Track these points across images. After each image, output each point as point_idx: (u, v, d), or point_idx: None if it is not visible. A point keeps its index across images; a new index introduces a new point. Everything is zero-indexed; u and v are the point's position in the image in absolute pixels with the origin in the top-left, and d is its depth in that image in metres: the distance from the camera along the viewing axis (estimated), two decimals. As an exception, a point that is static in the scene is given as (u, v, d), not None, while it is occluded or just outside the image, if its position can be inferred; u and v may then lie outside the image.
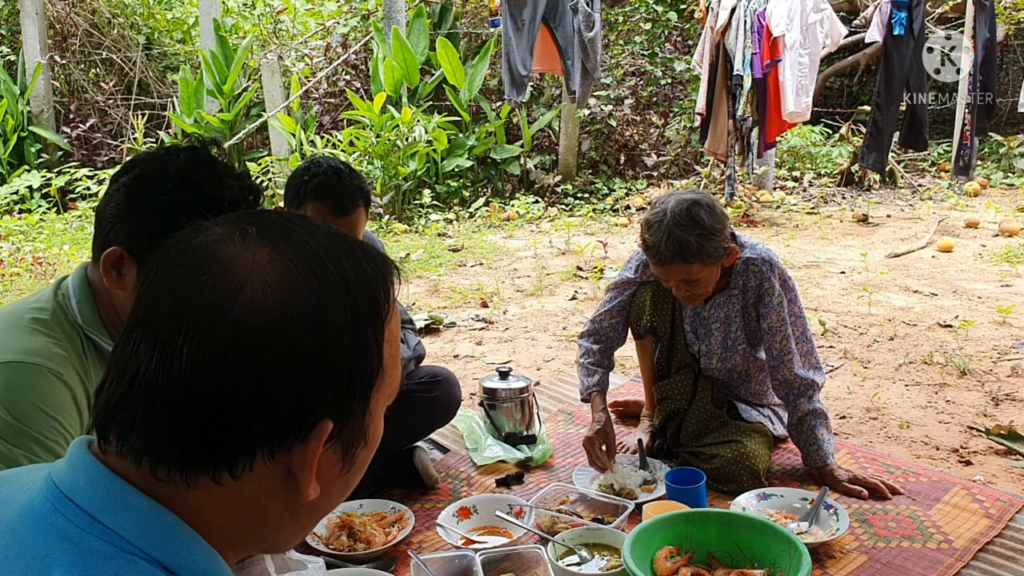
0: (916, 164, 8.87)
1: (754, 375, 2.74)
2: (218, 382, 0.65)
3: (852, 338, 4.00)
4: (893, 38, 5.92)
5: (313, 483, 0.70)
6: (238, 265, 0.67)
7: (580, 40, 6.00)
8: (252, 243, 0.69)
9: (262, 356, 0.65)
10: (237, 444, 0.67)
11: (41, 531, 0.66)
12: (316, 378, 0.67)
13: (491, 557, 2.12)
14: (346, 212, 2.29)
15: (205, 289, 0.66)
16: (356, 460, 0.74)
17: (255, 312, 0.65)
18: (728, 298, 2.61)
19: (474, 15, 9.47)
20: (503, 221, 7.22)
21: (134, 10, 10.03)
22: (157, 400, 0.66)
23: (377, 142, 7.25)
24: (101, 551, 0.64)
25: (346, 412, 0.70)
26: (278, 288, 0.66)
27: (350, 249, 0.73)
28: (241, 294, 0.66)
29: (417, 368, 2.70)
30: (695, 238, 2.34)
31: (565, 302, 4.82)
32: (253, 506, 0.70)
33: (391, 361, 0.74)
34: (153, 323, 0.67)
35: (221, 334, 0.65)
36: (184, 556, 0.66)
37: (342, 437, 0.71)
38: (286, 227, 0.71)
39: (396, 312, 0.75)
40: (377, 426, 0.76)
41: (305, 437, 0.68)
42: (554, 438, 2.96)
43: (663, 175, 8.31)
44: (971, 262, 5.47)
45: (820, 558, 2.17)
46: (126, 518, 0.66)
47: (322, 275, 0.69)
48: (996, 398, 3.24)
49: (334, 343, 0.68)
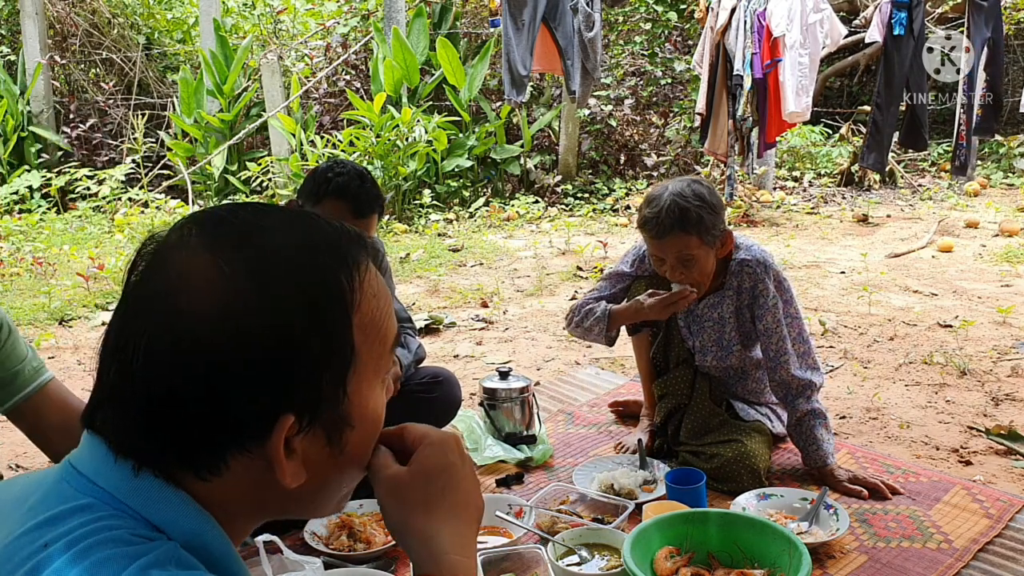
0: (916, 164, 8.87)
1: (751, 373, 2.73)
2: (171, 387, 0.68)
3: (852, 338, 4.00)
4: (893, 38, 5.92)
5: (292, 471, 0.71)
6: (177, 271, 0.70)
7: (580, 40, 6.01)
8: (189, 247, 0.71)
9: (208, 363, 0.67)
10: (204, 445, 0.70)
11: (46, 496, 0.70)
12: (266, 377, 0.68)
13: (491, 557, 2.12)
14: (363, 215, 2.38)
15: (150, 301, 0.70)
16: (347, 443, 0.75)
17: (195, 321, 0.67)
18: (722, 299, 2.61)
19: (474, 15, 9.47)
20: (503, 221, 7.22)
21: (134, 10, 10.03)
22: (125, 406, 0.70)
23: (377, 142, 7.25)
24: (88, 505, 0.68)
25: (312, 403, 0.71)
26: (216, 293, 0.68)
27: (307, 239, 0.73)
28: (181, 303, 0.68)
29: (418, 369, 2.70)
30: (695, 208, 2.38)
31: (565, 302, 4.82)
32: (250, 494, 0.73)
33: (369, 344, 0.75)
34: (117, 327, 0.72)
35: (169, 346, 0.68)
36: (170, 514, 0.69)
37: (318, 425, 0.72)
38: (237, 226, 0.73)
39: (375, 295, 0.75)
40: (366, 408, 0.76)
41: (267, 433, 0.69)
42: (554, 438, 2.96)
43: (663, 175, 8.31)
44: (971, 262, 5.47)
45: (820, 558, 2.17)
46: (117, 479, 0.70)
47: (267, 275, 0.70)
48: (996, 398, 3.24)
49: (283, 340, 0.69)
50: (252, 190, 8.01)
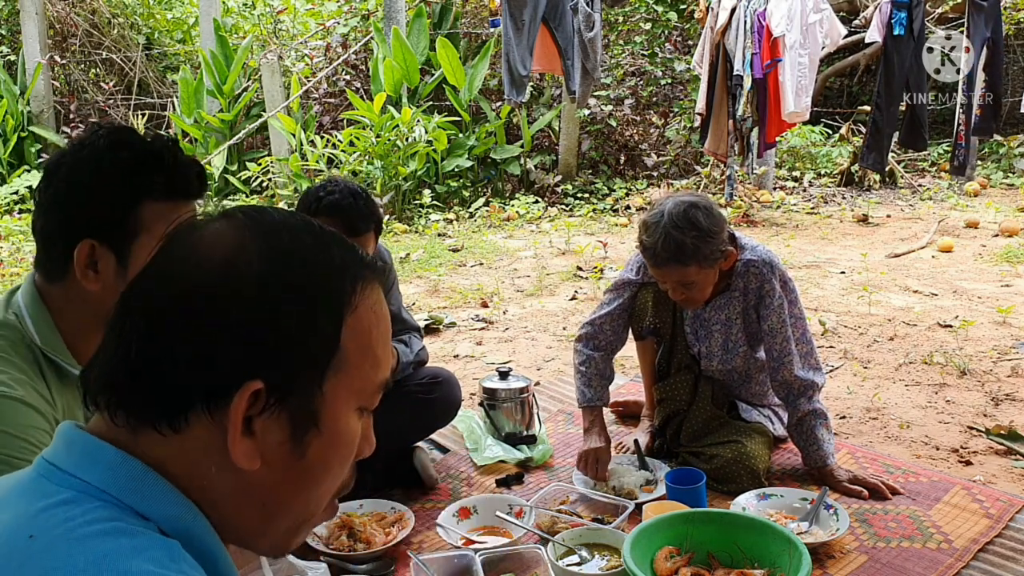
0: (916, 164, 8.87)
1: (754, 375, 2.73)
2: (160, 333, 0.71)
3: (852, 338, 4.00)
4: (893, 38, 5.92)
5: (245, 449, 0.71)
6: (202, 233, 0.75)
7: (580, 40, 6.01)
8: (225, 218, 0.76)
9: (199, 310, 0.71)
10: (176, 396, 0.71)
11: (24, 495, 0.70)
12: (249, 336, 0.71)
13: (491, 557, 2.12)
14: (357, 233, 2.30)
15: (166, 252, 0.75)
16: (309, 446, 0.74)
17: (199, 269, 0.72)
18: (729, 300, 2.61)
19: (474, 15, 9.47)
20: (503, 221, 7.22)
21: (134, 10, 10.03)
22: (111, 351, 0.73)
23: (377, 142, 7.25)
24: (71, 499, 0.68)
25: (286, 381, 0.72)
26: (226, 249, 0.73)
27: (322, 235, 0.77)
28: (193, 254, 0.73)
29: (417, 370, 2.71)
30: (692, 240, 2.34)
31: (565, 302, 4.82)
32: (200, 469, 0.72)
33: (358, 353, 0.76)
34: (130, 288, 0.75)
35: (168, 289, 0.72)
36: (153, 501, 0.70)
37: (285, 410, 0.72)
38: (263, 213, 0.78)
39: (376, 314, 0.78)
40: (338, 420, 0.76)
41: (232, 392, 0.70)
42: (554, 438, 2.96)
43: (663, 175, 8.31)
44: (971, 262, 5.47)
45: (820, 558, 2.17)
46: (99, 470, 0.70)
47: (275, 243, 0.74)
48: (996, 398, 3.24)
49: (276, 306, 0.71)
50: (252, 190, 8.01)
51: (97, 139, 1.34)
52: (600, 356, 2.71)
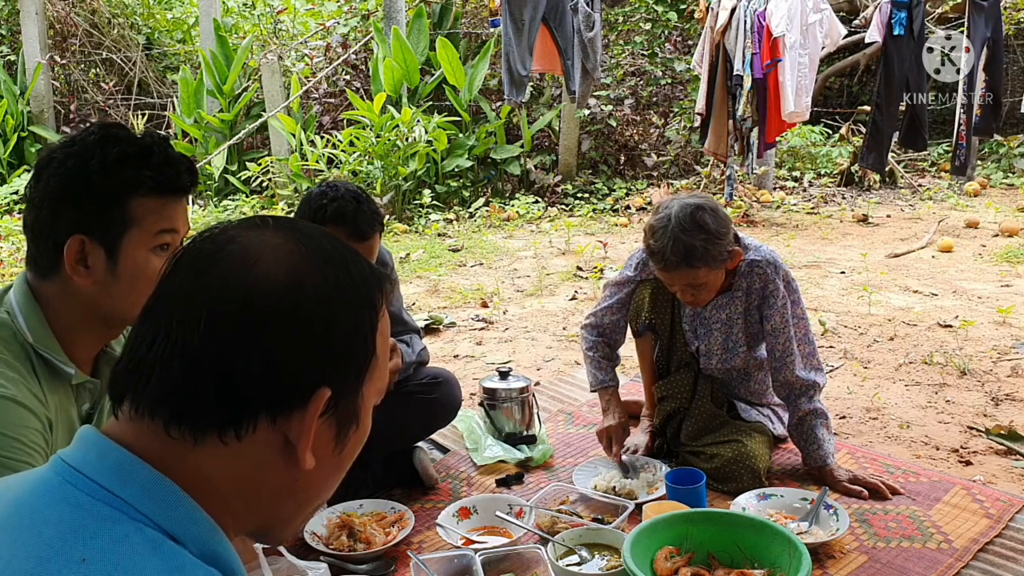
0: (916, 164, 8.87)
1: (754, 374, 2.73)
2: (231, 346, 0.71)
3: (852, 338, 4.00)
4: (893, 38, 5.92)
5: (309, 452, 0.75)
6: (255, 244, 0.76)
7: (580, 40, 6.01)
8: (268, 229, 0.78)
9: (271, 323, 0.72)
10: (244, 406, 0.73)
11: (54, 501, 0.70)
12: (318, 348, 0.74)
13: (491, 557, 2.12)
14: (364, 238, 2.31)
15: (224, 264, 0.74)
16: (348, 442, 0.80)
17: (268, 283, 0.73)
18: (731, 300, 2.61)
19: (474, 15, 9.47)
20: (503, 221, 7.21)
21: (134, 10, 10.03)
22: (174, 362, 0.72)
23: (377, 142, 7.25)
24: (110, 516, 0.69)
25: (343, 386, 0.77)
26: (290, 264, 0.75)
27: (349, 249, 0.83)
28: (257, 267, 0.74)
29: (418, 370, 2.71)
30: (700, 243, 2.34)
31: (565, 302, 4.82)
32: (253, 474, 0.75)
33: (383, 355, 0.82)
34: (173, 295, 0.75)
35: (236, 302, 0.72)
36: (187, 526, 0.71)
37: (337, 412, 0.77)
38: (297, 224, 0.82)
39: (387, 315, 0.83)
40: (367, 415, 0.82)
41: (304, 403, 0.74)
42: (554, 438, 2.96)
43: (663, 175, 8.31)
44: (971, 262, 5.47)
45: (820, 558, 2.17)
46: (134, 488, 0.71)
47: (329, 259, 0.77)
48: (996, 398, 3.24)
49: (336, 319, 0.75)
50: (252, 190, 8.01)
51: (87, 135, 1.35)
52: (604, 342, 2.78)
